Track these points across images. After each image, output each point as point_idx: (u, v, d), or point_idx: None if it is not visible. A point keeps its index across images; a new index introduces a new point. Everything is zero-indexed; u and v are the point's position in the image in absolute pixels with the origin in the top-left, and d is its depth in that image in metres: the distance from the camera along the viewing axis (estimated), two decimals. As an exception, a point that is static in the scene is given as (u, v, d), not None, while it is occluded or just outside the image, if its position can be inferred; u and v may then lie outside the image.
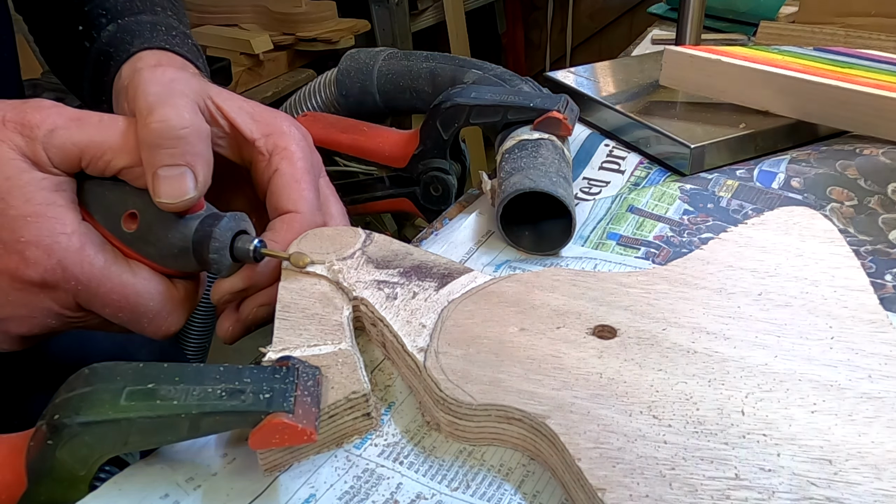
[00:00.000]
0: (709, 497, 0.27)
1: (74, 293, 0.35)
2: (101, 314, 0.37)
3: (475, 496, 0.31)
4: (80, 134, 0.36)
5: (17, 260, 0.34)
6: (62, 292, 0.35)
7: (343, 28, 1.49)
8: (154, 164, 0.35)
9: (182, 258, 0.37)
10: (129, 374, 0.29)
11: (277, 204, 0.40)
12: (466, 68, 0.60)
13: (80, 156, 0.36)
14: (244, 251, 0.38)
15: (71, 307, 0.36)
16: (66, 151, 0.35)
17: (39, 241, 0.34)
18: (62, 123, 0.35)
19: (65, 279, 0.35)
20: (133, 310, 0.37)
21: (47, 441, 0.28)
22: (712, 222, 0.50)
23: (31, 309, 0.36)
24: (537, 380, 0.33)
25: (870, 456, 0.29)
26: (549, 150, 0.48)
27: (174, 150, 0.35)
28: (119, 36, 0.46)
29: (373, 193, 0.61)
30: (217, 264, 0.37)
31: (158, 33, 0.46)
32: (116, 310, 0.36)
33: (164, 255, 0.37)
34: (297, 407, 0.29)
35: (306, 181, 0.41)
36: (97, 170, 0.36)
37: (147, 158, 0.35)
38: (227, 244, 0.37)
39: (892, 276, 0.43)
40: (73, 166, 0.36)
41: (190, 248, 0.37)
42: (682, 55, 0.61)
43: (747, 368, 0.33)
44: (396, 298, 0.38)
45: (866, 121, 0.55)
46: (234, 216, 0.38)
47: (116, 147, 0.36)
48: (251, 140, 0.41)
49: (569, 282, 0.39)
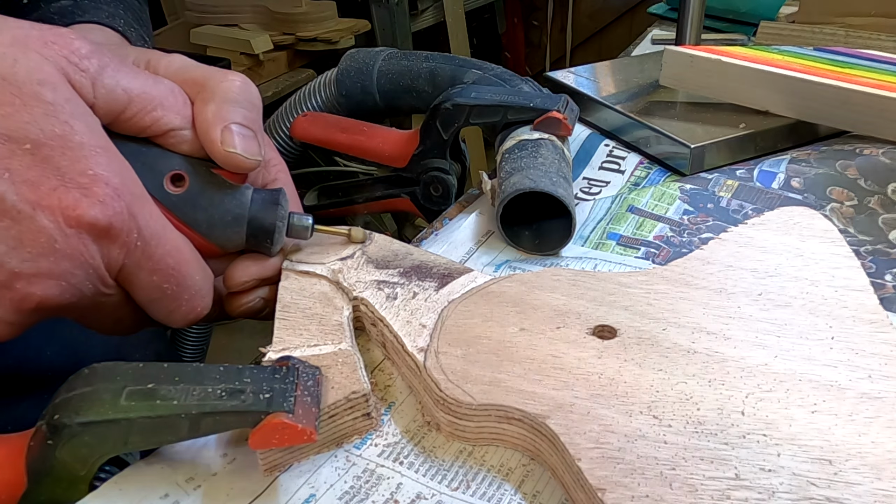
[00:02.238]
0: (709, 497, 0.27)
1: (130, 250, 0.31)
2: (144, 284, 0.33)
3: (475, 496, 0.31)
4: (131, 80, 0.32)
5: (78, 197, 0.29)
6: (118, 247, 0.31)
7: (343, 28, 1.49)
8: (227, 119, 0.33)
9: (233, 227, 0.35)
10: (129, 374, 0.29)
11: None
12: (466, 68, 0.60)
13: (126, 104, 0.32)
14: (301, 227, 0.37)
15: (115, 271, 0.32)
16: (114, 96, 0.31)
17: (110, 180, 0.30)
18: (111, 64, 0.31)
19: (129, 229, 0.30)
20: (181, 281, 0.33)
21: (47, 441, 0.28)
22: (712, 222, 0.50)
23: (74, 263, 0.30)
24: (537, 380, 0.33)
25: (870, 456, 0.29)
26: (549, 150, 0.48)
27: (249, 113, 0.34)
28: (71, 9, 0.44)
29: (373, 193, 0.61)
30: (279, 234, 0.36)
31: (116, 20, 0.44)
32: (164, 278, 0.33)
33: (213, 223, 0.35)
34: (297, 407, 0.29)
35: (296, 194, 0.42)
36: (139, 125, 0.33)
37: (218, 113, 0.33)
38: (286, 215, 0.36)
39: (892, 276, 0.43)
40: (113, 115, 0.32)
41: (245, 217, 0.35)
42: (682, 55, 0.61)
43: (747, 368, 0.33)
44: (396, 298, 0.38)
45: (866, 121, 0.55)
46: (284, 192, 0.37)
47: (168, 105, 0.33)
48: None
49: (569, 282, 0.39)
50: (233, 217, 0.35)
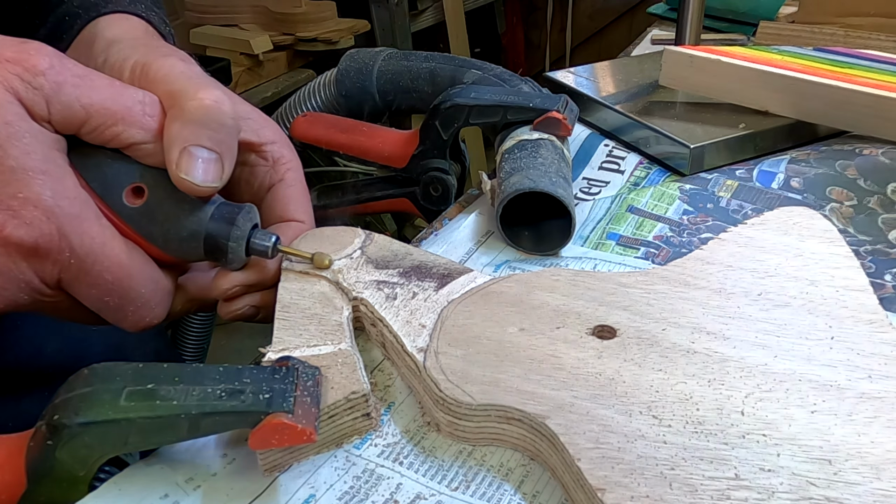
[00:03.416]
0: (709, 497, 0.27)
1: (64, 267, 0.32)
2: (84, 296, 0.33)
3: (475, 496, 0.31)
4: (91, 95, 0.32)
5: (7, 218, 0.30)
6: (50, 264, 0.31)
7: (343, 28, 1.49)
8: (187, 140, 0.33)
9: (189, 243, 0.35)
10: (128, 374, 0.29)
11: (284, 211, 0.41)
12: (466, 68, 0.60)
13: (85, 120, 0.32)
14: (262, 247, 0.36)
15: (51, 283, 0.32)
16: (72, 111, 0.32)
17: (40, 201, 0.30)
18: (70, 78, 0.32)
19: (59, 249, 0.31)
20: (123, 294, 0.33)
21: (47, 441, 0.28)
22: (712, 222, 0.50)
23: (6, 278, 0.31)
24: (537, 380, 0.33)
25: (869, 456, 0.29)
26: (549, 150, 0.48)
27: (215, 134, 0.33)
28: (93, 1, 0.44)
29: (372, 193, 0.61)
30: (233, 254, 0.35)
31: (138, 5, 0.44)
32: (105, 292, 0.33)
33: (169, 237, 0.34)
34: (296, 407, 0.29)
35: (307, 194, 0.42)
36: (100, 139, 0.33)
37: (180, 133, 0.33)
38: (245, 235, 0.36)
39: (891, 276, 0.43)
40: (72, 129, 0.32)
41: (202, 234, 0.35)
42: (682, 55, 0.61)
43: (747, 368, 0.33)
44: (396, 299, 0.38)
45: (866, 121, 0.55)
46: (250, 209, 0.36)
47: (130, 119, 0.33)
48: (258, 144, 0.40)
49: (568, 282, 0.39)
50: (188, 233, 0.35)
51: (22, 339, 0.53)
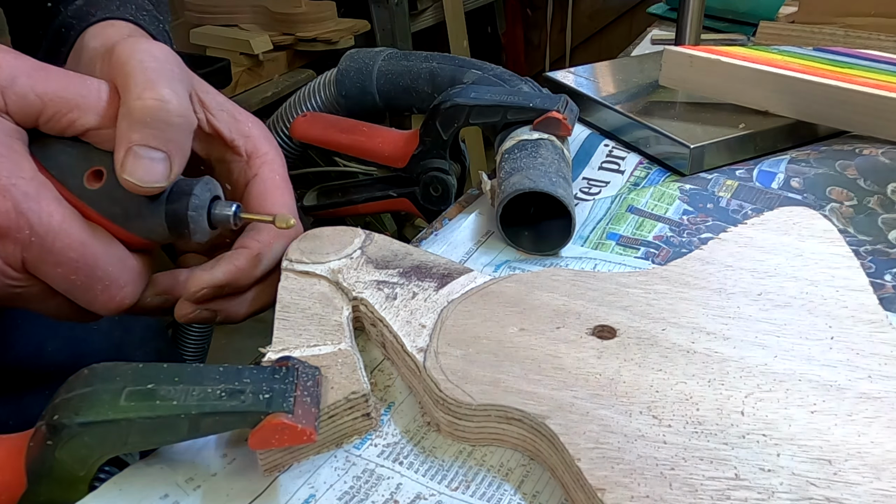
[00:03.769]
0: (709, 497, 0.27)
1: (25, 245, 0.32)
2: (51, 276, 0.34)
3: (475, 496, 0.31)
4: (45, 85, 0.33)
5: None
6: (11, 243, 0.32)
7: (343, 28, 1.48)
8: (132, 140, 0.33)
9: (151, 219, 0.35)
10: (128, 374, 0.29)
11: (259, 208, 0.40)
12: (466, 68, 0.60)
13: (41, 109, 0.33)
14: (223, 216, 0.36)
15: (16, 265, 0.33)
16: (27, 102, 0.33)
17: None
18: (25, 71, 0.33)
19: (18, 227, 0.32)
20: (89, 272, 0.34)
21: (47, 441, 0.28)
22: (712, 222, 0.50)
23: None
24: (537, 380, 0.33)
25: (869, 456, 0.29)
26: (549, 150, 0.48)
27: (160, 133, 0.33)
28: (85, 9, 0.45)
29: (372, 193, 0.61)
30: (194, 224, 0.35)
31: (127, 8, 0.45)
32: (70, 270, 0.33)
33: (130, 216, 0.35)
34: (296, 407, 0.29)
35: (286, 188, 0.41)
36: (58, 127, 0.34)
37: (126, 132, 0.33)
38: (205, 204, 0.35)
39: (891, 276, 0.43)
40: (30, 119, 0.33)
41: (163, 208, 0.35)
42: (682, 55, 0.61)
43: (747, 369, 0.33)
44: (396, 299, 0.38)
45: (866, 121, 0.55)
46: (209, 181, 0.36)
47: (85, 105, 0.34)
48: (229, 140, 0.40)
49: (568, 282, 0.39)
50: (148, 209, 0.35)
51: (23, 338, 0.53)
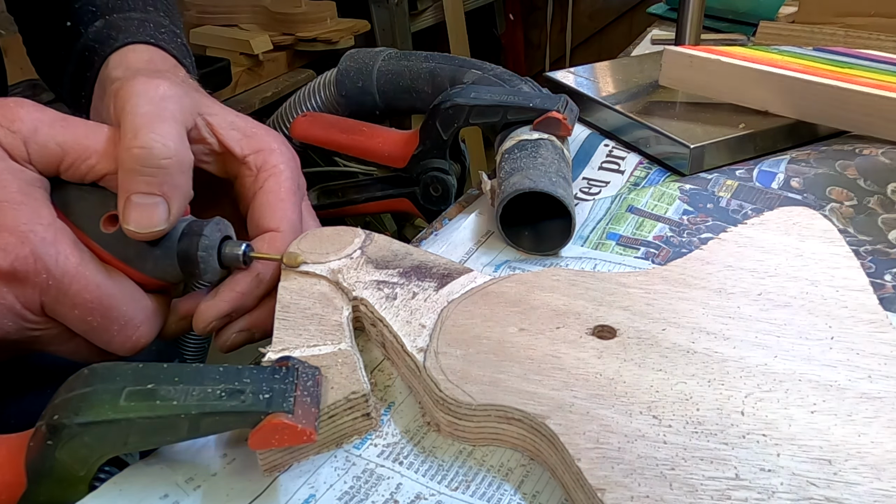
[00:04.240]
0: (709, 497, 0.27)
1: (44, 289, 0.33)
2: (68, 318, 0.35)
3: (475, 496, 0.31)
4: (65, 134, 0.35)
5: None
6: (30, 287, 0.33)
7: (343, 28, 1.48)
8: (129, 189, 0.34)
9: (164, 261, 0.36)
10: (128, 374, 0.29)
11: (260, 221, 0.40)
12: (466, 68, 0.60)
13: (62, 157, 0.35)
14: (233, 256, 0.37)
15: (34, 308, 0.34)
16: (48, 151, 0.34)
17: (15, 228, 0.33)
18: (47, 122, 0.35)
19: (36, 271, 0.33)
20: (105, 313, 0.35)
21: (47, 441, 0.28)
22: (712, 222, 0.50)
23: None
24: (537, 380, 0.33)
25: (869, 456, 0.29)
26: (549, 150, 0.48)
27: (152, 178, 0.34)
28: (106, 31, 0.45)
29: (372, 193, 0.61)
30: (204, 264, 0.36)
31: (146, 29, 0.46)
32: (87, 311, 0.34)
33: (145, 258, 0.36)
34: (296, 407, 0.29)
35: (291, 201, 0.41)
36: (78, 174, 0.36)
37: (122, 182, 0.35)
38: (215, 244, 0.36)
39: (891, 276, 0.43)
40: (52, 168, 0.35)
41: (174, 249, 0.36)
42: (682, 55, 0.61)
43: (747, 368, 0.33)
44: (396, 299, 0.38)
45: (866, 121, 0.55)
46: (219, 221, 0.37)
47: (101, 151, 0.35)
48: (240, 157, 0.41)
49: (568, 282, 0.39)
50: (161, 251, 0.36)
51: None
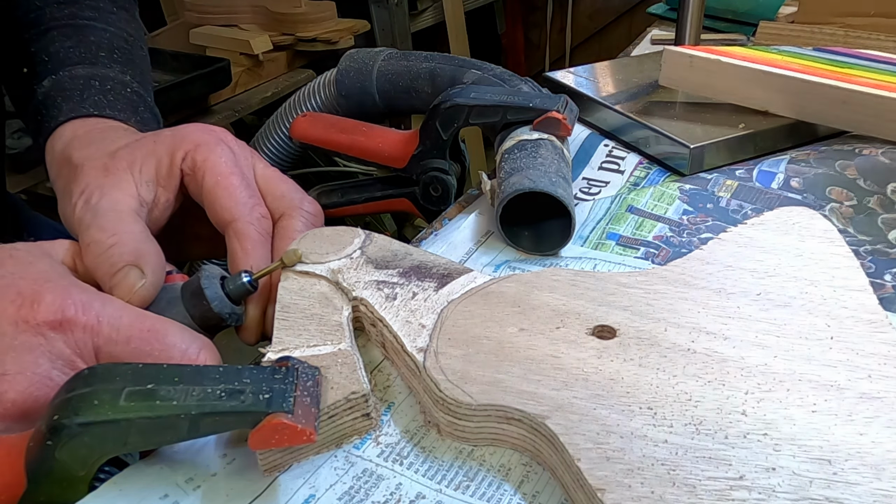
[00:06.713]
0: (709, 497, 0.27)
1: (95, 331, 0.33)
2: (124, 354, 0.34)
3: (475, 496, 0.31)
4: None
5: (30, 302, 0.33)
6: (80, 330, 0.33)
7: (343, 28, 1.48)
8: (104, 275, 0.37)
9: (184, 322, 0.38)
10: (128, 374, 0.29)
11: (216, 218, 0.41)
12: (466, 68, 0.60)
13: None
14: (241, 289, 0.38)
15: (87, 355, 0.34)
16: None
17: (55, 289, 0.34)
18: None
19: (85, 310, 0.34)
20: (163, 339, 0.35)
21: (46, 442, 0.28)
22: (712, 222, 0.50)
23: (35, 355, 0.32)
24: (537, 380, 0.33)
25: (869, 456, 0.29)
26: (549, 150, 0.48)
27: (109, 259, 0.37)
28: (52, 95, 0.47)
29: (372, 193, 0.61)
30: (221, 312, 0.38)
31: (90, 92, 0.47)
32: (143, 342, 0.34)
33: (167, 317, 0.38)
34: (296, 407, 0.29)
35: (232, 182, 0.41)
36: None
37: (96, 275, 0.37)
38: (219, 291, 0.38)
39: (891, 276, 0.43)
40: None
41: (188, 317, 0.38)
42: (682, 55, 0.61)
43: (747, 368, 0.33)
44: (396, 299, 0.38)
45: (866, 121, 0.55)
46: (206, 269, 0.39)
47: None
48: (175, 164, 0.41)
49: (568, 282, 0.39)
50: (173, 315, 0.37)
51: None
